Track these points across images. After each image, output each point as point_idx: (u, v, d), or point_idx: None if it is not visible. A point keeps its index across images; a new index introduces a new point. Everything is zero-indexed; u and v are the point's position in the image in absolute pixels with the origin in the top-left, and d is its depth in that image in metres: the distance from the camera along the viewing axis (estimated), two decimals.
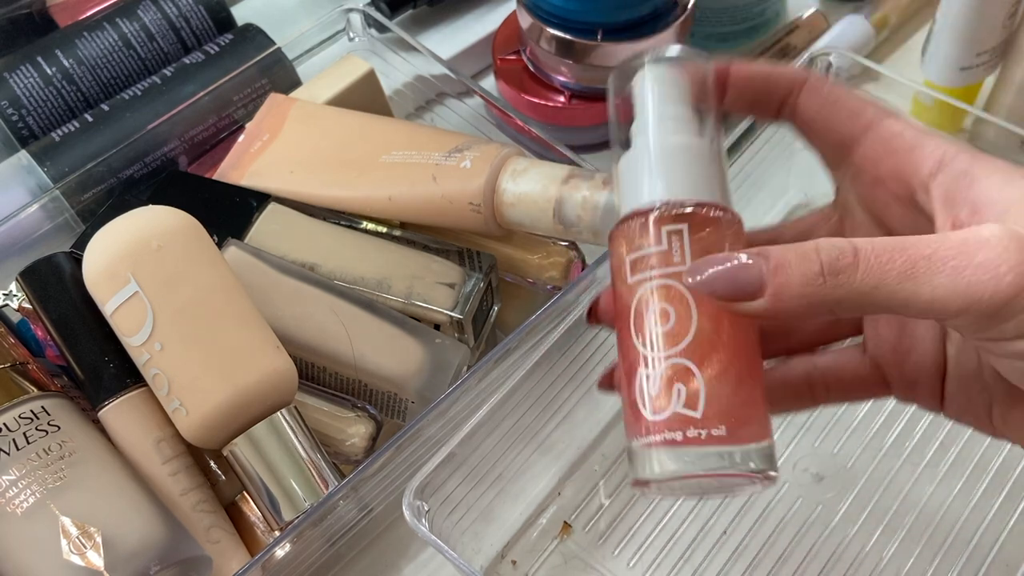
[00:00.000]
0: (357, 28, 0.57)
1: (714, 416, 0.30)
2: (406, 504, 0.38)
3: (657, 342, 0.31)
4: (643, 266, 0.31)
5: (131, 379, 0.41)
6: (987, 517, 0.45)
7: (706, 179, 0.32)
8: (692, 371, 0.30)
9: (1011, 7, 0.52)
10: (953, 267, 0.26)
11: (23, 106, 0.55)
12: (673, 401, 0.30)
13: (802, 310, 0.28)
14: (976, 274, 0.26)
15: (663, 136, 0.32)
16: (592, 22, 0.54)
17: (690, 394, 0.30)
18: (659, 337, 0.31)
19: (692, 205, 0.31)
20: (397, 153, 0.48)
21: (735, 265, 0.28)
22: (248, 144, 0.52)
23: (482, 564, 0.45)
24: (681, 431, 0.30)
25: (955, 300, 0.26)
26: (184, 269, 0.40)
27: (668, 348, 0.31)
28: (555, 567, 0.45)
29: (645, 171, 0.32)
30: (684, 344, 0.30)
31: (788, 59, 0.62)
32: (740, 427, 0.31)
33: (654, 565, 0.45)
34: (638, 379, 0.31)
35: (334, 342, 0.44)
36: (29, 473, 0.37)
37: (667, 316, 0.31)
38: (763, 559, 0.45)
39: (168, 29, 0.58)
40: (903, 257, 0.27)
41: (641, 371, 0.31)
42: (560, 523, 0.47)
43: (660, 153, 0.32)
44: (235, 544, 0.42)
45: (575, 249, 0.48)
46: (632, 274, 0.31)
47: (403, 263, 0.46)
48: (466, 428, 0.40)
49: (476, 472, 0.43)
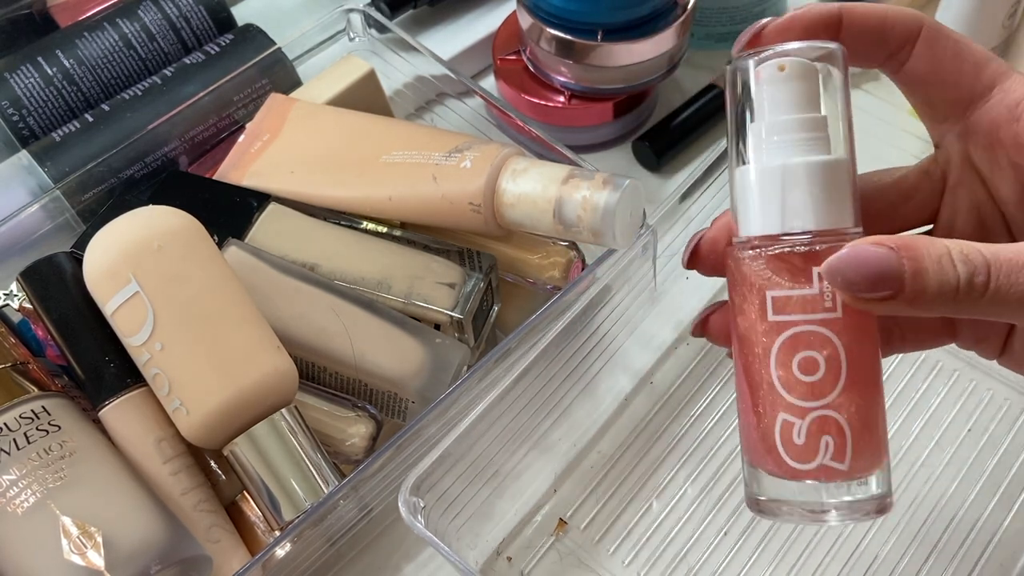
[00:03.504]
0: (357, 28, 0.57)
1: (860, 468, 0.31)
2: (402, 500, 0.38)
3: (805, 392, 0.30)
4: (790, 308, 0.30)
5: (131, 379, 0.41)
6: (981, 517, 0.45)
7: (848, 200, 0.30)
8: (841, 425, 0.30)
9: (1011, 7, 0.52)
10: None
11: (24, 106, 0.55)
12: (820, 454, 0.30)
13: (928, 314, 0.29)
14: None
15: (799, 153, 0.30)
16: (592, 22, 0.54)
17: (837, 448, 0.30)
18: (808, 387, 0.30)
19: (841, 235, 0.30)
20: (397, 153, 0.48)
21: (878, 264, 0.28)
22: (248, 144, 0.52)
23: (478, 560, 0.45)
24: (827, 479, 0.31)
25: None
26: (184, 269, 0.40)
27: (816, 400, 0.30)
28: (551, 564, 0.46)
29: (778, 191, 0.30)
30: (832, 397, 0.30)
31: None
32: (876, 465, 0.31)
33: (649, 564, 0.45)
34: (779, 423, 0.31)
35: (334, 342, 0.44)
36: (30, 473, 0.37)
37: (816, 367, 0.30)
38: (759, 559, 0.45)
39: (168, 29, 0.58)
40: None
41: (782, 415, 0.31)
42: (556, 520, 0.47)
43: (799, 174, 0.30)
44: (235, 544, 0.42)
45: (575, 249, 0.48)
46: (775, 312, 0.30)
47: (403, 263, 0.46)
48: (463, 425, 0.40)
49: (473, 468, 0.43)
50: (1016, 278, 0.28)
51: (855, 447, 0.30)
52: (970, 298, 0.28)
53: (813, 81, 0.31)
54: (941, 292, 0.28)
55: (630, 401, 0.50)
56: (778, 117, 0.31)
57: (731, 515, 0.46)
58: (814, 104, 0.31)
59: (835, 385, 0.30)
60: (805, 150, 0.30)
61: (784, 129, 0.30)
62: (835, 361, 0.30)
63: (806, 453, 0.30)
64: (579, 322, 0.44)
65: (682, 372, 0.51)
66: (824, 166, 0.30)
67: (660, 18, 0.55)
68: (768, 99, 0.31)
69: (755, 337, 0.31)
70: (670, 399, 0.50)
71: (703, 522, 0.46)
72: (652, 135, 0.59)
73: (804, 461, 0.30)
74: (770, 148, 0.31)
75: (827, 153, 0.30)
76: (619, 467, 0.48)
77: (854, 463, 0.30)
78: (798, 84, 0.30)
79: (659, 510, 0.47)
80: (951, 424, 0.48)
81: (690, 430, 0.49)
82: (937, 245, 0.28)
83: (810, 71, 0.31)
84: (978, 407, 0.48)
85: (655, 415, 0.50)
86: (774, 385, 0.31)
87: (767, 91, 0.31)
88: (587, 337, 0.46)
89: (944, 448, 0.47)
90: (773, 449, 0.31)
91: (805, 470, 0.30)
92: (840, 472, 0.30)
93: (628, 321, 0.49)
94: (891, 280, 0.28)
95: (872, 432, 0.31)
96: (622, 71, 0.55)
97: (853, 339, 0.30)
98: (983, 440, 0.47)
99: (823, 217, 0.30)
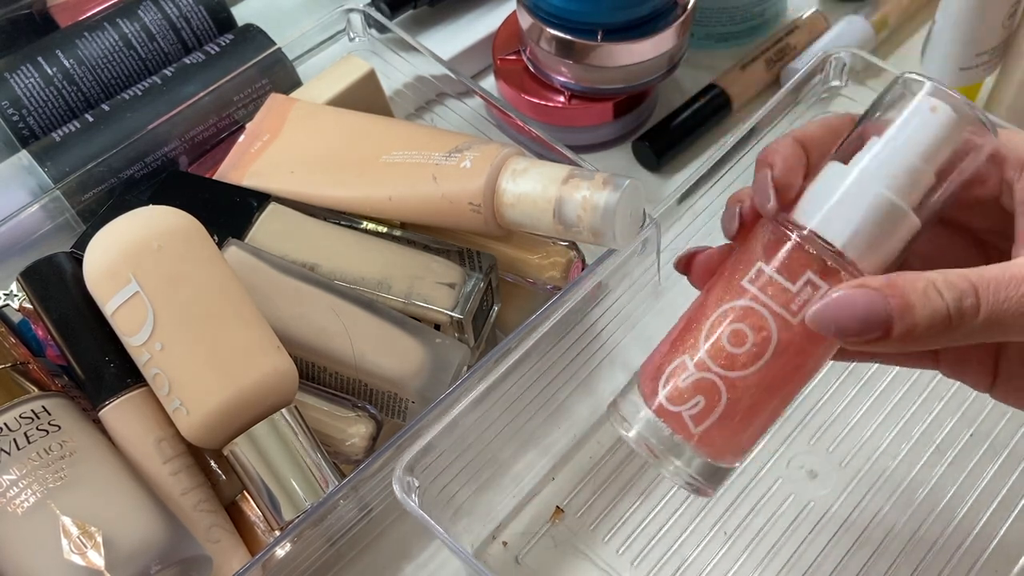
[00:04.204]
0: (357, 28, 0.57)
1: (704, 443, 0.32)
2: (396, 479, 0.38)
3: (717, 354, 0.31)
4: (762, 286, 0.31)
5: (132, 379, 0.41)
6: (979, 523, 0.45)
7: (891, 256, 0.31)
8: (721, 399, 0.31)
9: (1011, 7, 0.52)
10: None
11: (24, 106, 0.55)
12: (685, 406, 0.32)
13: (927, 347, 0.29)
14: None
15: (882, 184, 0.31)
16: (592, 22, 0.54)
17: (701, 412, 0.31)
18: (722, 352, 0.31)
19: (853, 273, 0.31)
20: (397, 153, 0.48)
21: (865, 307, 0.29)
22: (248, 144, 0.52)
23: (473, 543, 0.45)
24: (671, 428, 0.32)
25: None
26: (184, 269, 0.40)
27: (719, 365, 0.31)
28: (545, 550, 0.46)
29: (839, 201, 0.31)
30: (734, 374, 0.31)
31: (788, 59, 0.62)
32: (719, 455, 0.32)
33: (643, 553, 0.45)
34: (679, 359, 0.32)
35: (334, 342, 0.44)
36: (30, 473, 0.37)
37: (743, 342, 0.31)
38: (753, 552, 0.45)
39: (168, 29, 0.58)
40: (1019, 292, 0.28)
41: (687, 356, 0.32)
42: (553, 508, 0.47)
43: (878, 206, 0.30)
44: (235, 544, 0.42)
45: (575, 249, 0.48)
46: (749, 281, 0.31)
47: (403, 263, 0.46)
48: (460, 406, 0.40)
49: (470, 452, 0.43)
50: (1007, 293, 0.28)
51: (716, 425, 0.32)
52: (964, 323, 0.28)
53: (951, 135, 0.31)
54: (933, 324, 0.28)
55: None
56: (899, 148, 0.31)
57: (727, 509, 0.46)
58: (937, 157, 0.31)
59: (744, 367, 0.31)
60: (897, 191, 0.31)
61: (896, 164, 0.31)
62: (759, 351, 0.31)
63: (677, 397, 0.32)
64: (583, 308, 0.44)
65: None
66: (898, 217, 0.31)
67: (660, 18, 0.55)
68: (903, 127, 0.31)
69: (721, 289, 0.32)
70: None
71: (699, 515, 0.46)
72: (652, 135, 0.59)
73: (671, 402, 0.32)
74: (872, 168, 0.31)
75: (910, 208, 0.31)
76: (617, 457, 0.48)
77: (704, 436, 0.32)
78: (937, 132, 0.31)
79: (656, 502, 0.47)
80: (952, 428, 0.48)
81: None
82: (920, 278, 0.29)
83: (954, 126, 0.31)
84: (980, 413, 0.48)
85: None
86: (701, 331, 0.32)
87: (911, 120, 0.31)
88: (586, 328, 0.46)
89: (944, 452, 0.47)
90: (659, 374, 0.32)
91: (665, 409, 0.32)
92: (687, 432, 0.32)
93: (629, 315, 0.49)
94: (880, 322, 0.29)
95: (741, 429, 0.32)
96: (622, 71, 0.55)
97: (790, 348, 0.31)
98: (983, 445, 0.47)
99: (859, 250, 0.31)
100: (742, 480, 0.47)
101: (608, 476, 0.48)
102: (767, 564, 0.45)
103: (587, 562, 0.45)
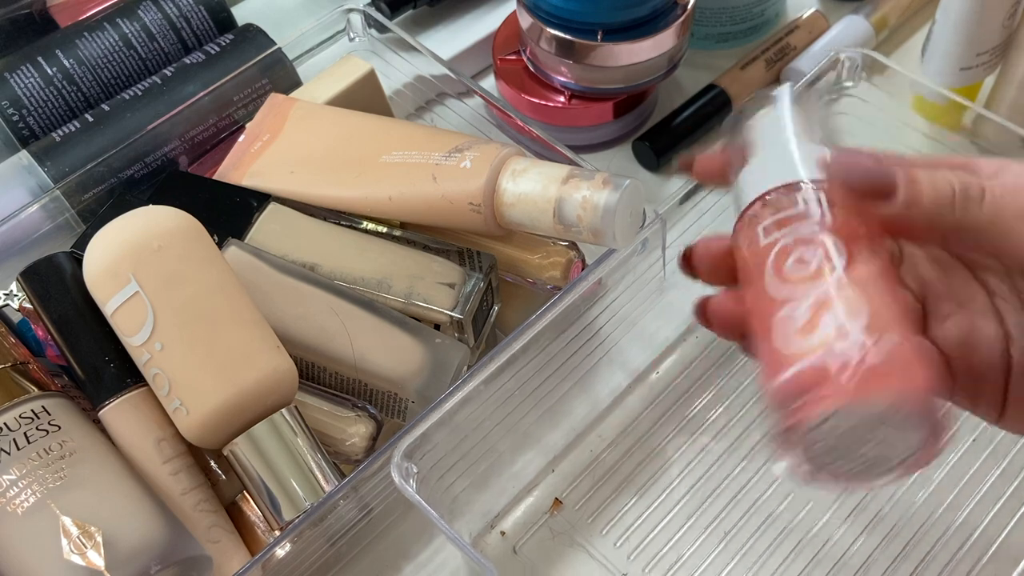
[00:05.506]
0: (357, 28, 0.57)
1: None
2: (394, 464, 0.38)
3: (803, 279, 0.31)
4: (779, 226, 0.32)
5: (131, 379, 0.41)
6: (979, 527, 0.45)
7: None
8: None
9: (1011, 7, 0.52)
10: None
11: (24, 106, 0.55)
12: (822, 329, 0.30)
13: (925, 223, 0.31)
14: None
15: (793, 144, 0.34)
16: (592, 22, 0.54)
17: None
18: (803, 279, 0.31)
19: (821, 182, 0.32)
20: (397, 153, 0.48)
21: (874, 164, 0.31)
22: (248, 144, 0.52)
23: (471, 532, 0.46)
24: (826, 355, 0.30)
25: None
26: (184, 269, 0.40)
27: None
28: (543, 541, 0.46)
29: (780, 162, 0.33)
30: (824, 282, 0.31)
31: (788, 59, 0.62)
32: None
33: (640, 547, 0.46)
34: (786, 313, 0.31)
35: (334, 342, 0.44)
36: (29, 473, 0.37)
37: (807, 262, 0.31)
38: (751, 549, 0.45)
39: (168, 29, 0.58)
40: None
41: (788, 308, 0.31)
42: (552, 499, 0.47)
43: (792, 152, 0.33)
44: (235, 544, 0.42)
45: (575, 249, 0.48)
46: (765, 236, 0.32)
47: (403, 263, 0.46)
48: (459, 396, 0.40)
49: (469, 440, 0.43)
50: (1012, 195, 0.30)
51: None
52: (966, 207, 0.30)
53: None
54: (938, 197, 0.30)
55: (632, 389, 0.50)
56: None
57: (725, 506, 0.46)
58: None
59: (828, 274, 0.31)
60: (795, 143, 0.34)
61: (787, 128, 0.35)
62: (825, 256, 0.31)
63: (806, 330, 0.30)
64: (592, 297, 0.45)
65: (687, 364, 0.51)
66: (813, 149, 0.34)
67: (660, 18, 0.55)
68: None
69: (754, 263, 0.33)
70: (673, 389, 0.50)
71: (696, 512, 0.46)
72: (652, 135, 0.59)
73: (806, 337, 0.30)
74: (763, 150, 0.35)
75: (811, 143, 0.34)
76: (618, 451, 0.48)
77: None
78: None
79: (655, 496, 0.47)
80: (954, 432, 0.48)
81: (691, 422, 0.49)
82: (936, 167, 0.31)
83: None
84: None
85: (657, 404, 0.50)
86: (766, 290, 0.32)
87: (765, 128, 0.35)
88: (590, 321, 0.46)
89: (946, 455, 0.47)
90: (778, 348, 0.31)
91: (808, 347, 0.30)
92: None
93: (633, 311, 0.49)
94: (884, 183, 0.31)
95: None
96: (622, 71, 0.55)
97: (843, 238, 0.31)
98: (984, 451, 0.47)
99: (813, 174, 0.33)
100: (742, 477, 0.47)
101: (608, 470, 0.48)
102: (764, 562, 0.45)
103: (584, 554, 0.45)
